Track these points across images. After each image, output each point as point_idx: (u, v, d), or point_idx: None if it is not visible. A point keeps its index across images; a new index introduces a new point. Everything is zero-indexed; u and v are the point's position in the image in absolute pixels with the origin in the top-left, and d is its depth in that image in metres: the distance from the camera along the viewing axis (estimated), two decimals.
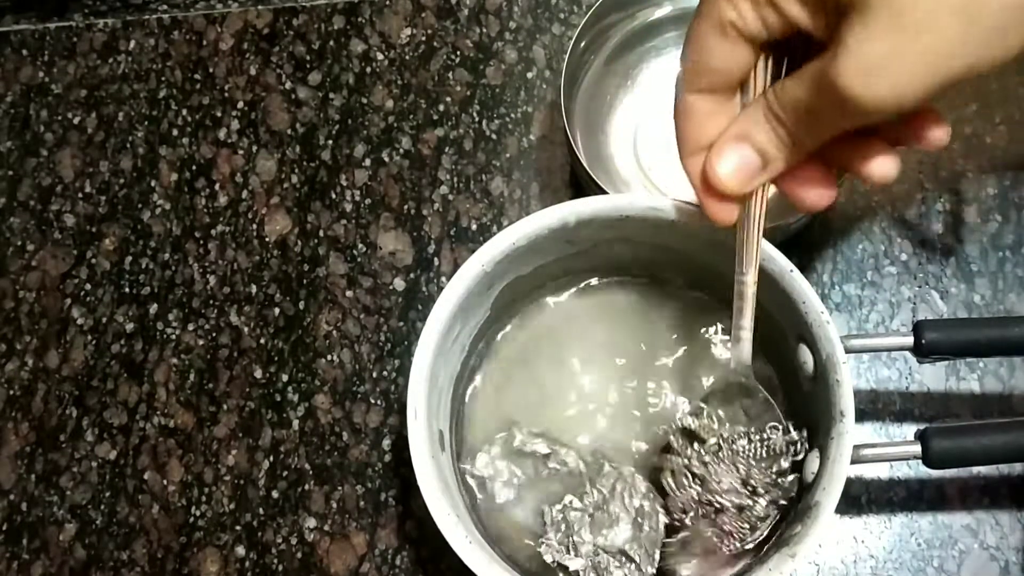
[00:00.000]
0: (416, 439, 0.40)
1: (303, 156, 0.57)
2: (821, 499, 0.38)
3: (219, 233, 0.55)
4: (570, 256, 0.46)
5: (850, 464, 0.38)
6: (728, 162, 0.35)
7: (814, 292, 0.41)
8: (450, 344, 0.43)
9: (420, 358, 0.41)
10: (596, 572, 0.43)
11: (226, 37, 0.60)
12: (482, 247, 0.42)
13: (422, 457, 0.40)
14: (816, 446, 0.41)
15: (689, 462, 0.41)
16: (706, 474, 0.40)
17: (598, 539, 0.44)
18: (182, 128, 0.58)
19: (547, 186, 0.55)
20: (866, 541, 0.47)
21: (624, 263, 0.47)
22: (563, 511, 0.44)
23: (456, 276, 0.42)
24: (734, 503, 0.40)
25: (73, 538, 0.50)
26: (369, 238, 0.55)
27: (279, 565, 0.49)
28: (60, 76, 0.60)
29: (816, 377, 0.41)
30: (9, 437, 0.52)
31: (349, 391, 0.52)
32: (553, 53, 0.58)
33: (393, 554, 0.49)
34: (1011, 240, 0.52)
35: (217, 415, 0.52)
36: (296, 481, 0.50)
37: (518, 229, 0.43)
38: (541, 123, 0.56)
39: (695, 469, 0.40)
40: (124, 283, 0.55)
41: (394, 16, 0.59)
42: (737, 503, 0.40)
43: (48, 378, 0.53)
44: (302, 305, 0.53)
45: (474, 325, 0.45)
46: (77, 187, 0.57)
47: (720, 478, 0.40)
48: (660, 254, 0.46)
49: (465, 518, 0.41)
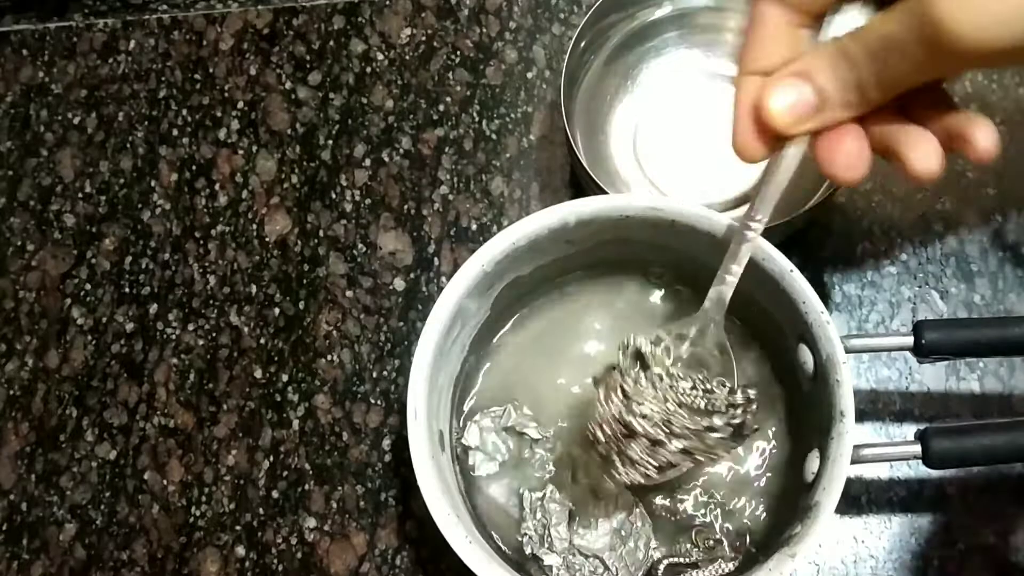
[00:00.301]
0: (416, 439, 0.40)
1: (303, 156, 0.57)
2: (821, 499, 0.38)
3: (219, 233, 0.55)
4: (570, 256, 0.46)
5: (850, 464, 0.38)
6: (784, 96, 0.33)
7: (814, 292, 0.41)
8: (450, 344, 0.44)
9: (420, 358, 0.41)
10: (569, 572, 0.43)
11: (226, 37, 0.60)
12: (482, 247, 0.43)
13: (422, 457, 0.40)
14: (816, 446, 0.41)
15: (624, 380, 0.39)
16: (635, 395, 0.38)
17: (574, 538, 0.44)
18: (182, 128, 0.58)
19: (547, 186, 0.55)
20: (866, 541, 0.47)
21: (624, 263, 0.47)
22: (542, 499, 0.44)
23: (456, 276, 0.42)
24: (649, 435, 0.38)
25: (73, 538, 0.50)
26: (369, 238, 0.54)
27: (279, 565, 0.49)
28: (60, 76, 0.60)
29: (816, 377, 0.41)
30: (9, 437, 0.52)
31: (349, 391, 0.52)
32: (553, 53, 0.58)
33: (393, 554, 0.49)
34: (1011, 240, 0.52)
35: (217, 415, 0.52)
36: (296, 481, 0.50)
37: (518, 229, 0.43)
38: (541, 123, 0.56)
39: (627, 388, 0.38)
40: (124, 283, 0.55)
41: (394, 16, 0.59)
42: (653, 436, 0.38)
43: (48, 378, 0.53)
44: (302, 305, 0.53)
45: (474, 325, 0.46)
46: (77, 187, 0.57)
47: (645, 404, 0.38)
48: (660, 254, 0.46)
49: (465, 518, 0.41)
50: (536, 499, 0.44)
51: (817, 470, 0.40)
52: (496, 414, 0.46)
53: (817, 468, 0.40)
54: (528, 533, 0.44)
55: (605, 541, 0.44)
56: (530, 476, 0.45)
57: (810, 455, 0.41)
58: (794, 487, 0.42)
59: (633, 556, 0.43)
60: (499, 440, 0.46)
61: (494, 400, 0.47)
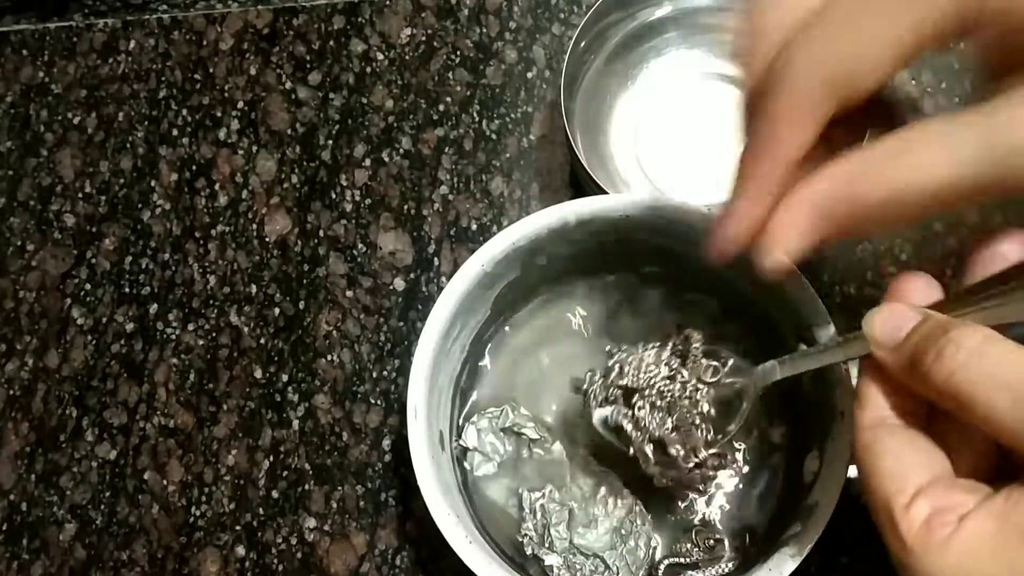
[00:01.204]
0: (416, 439, 0.40)
1: (303, 156, 0.57)
2: (821, 499, 0.38)
3: (219, 233, 0.55)
4: (571, 256, 0.46)
5: (850, 464, 0.38)
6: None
7: (814, 293, 0.41)
8: (450, 344, 0.43)
9: (420, 358, 0.41)
10: (570, 572, 0.43)
11: (226, 37, 0.60)
12: (482, 247, 0.43)
13: (422, 457, 0.40)
14: (816, 447, 0.41)
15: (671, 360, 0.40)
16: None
17: (574, 537, 0.44)
18: (182, 128, 0.58)
19: (547, 186, 0.55)
20: (866, 541, 0.47)
21: (624, 263, 0.47)
22: (541, 499, 0.44)
23: (456, 276, 0.42)
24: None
25: (73, 538, 0.50)
26: (369, 238, 0.55)
27: (279, 565, 0.49)
28: (60, 76, 0.60)
29: (816, 377, 0.41)
30: (9, 437, 0.52)
31: (349, 391, 0.52)
32: (553, 53, 0.58)
33: (393, 554, 0.49)
34: None
35: (217, 415, 0.52)
36: (296, 481, 0.50)
37: (518, 229, 0.43)
38: (541, 123, 0.56)
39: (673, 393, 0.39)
40: (124, 283, 0.55)
41: (394, 16, 0.59)
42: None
43: (48, 378, 0.53)
44: (302, 305, 0.53)
45: (474, 325, 0.46)
46: (77, 187, 0.57)
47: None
48: (660, 255, 0.46)
49: (465, 519, 0.41)
50: (535, 499, 0.44)
51: (817, 470, 0.40)
52: (494, 415, 0.46)
53: (817, 468, 0.40)
54: (528, 533, 0.44)
55: (606, 540, 0.44)
56: (529, 476, 0.45)
57: (809, 456, 0.41)
58: (794, 487, 0.42)
59: (634, 555, 0.43)
60: (497, 441, 0.46)
61: (494, 400, 0.47)
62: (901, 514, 0.28)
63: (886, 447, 0.30)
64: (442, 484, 0.40)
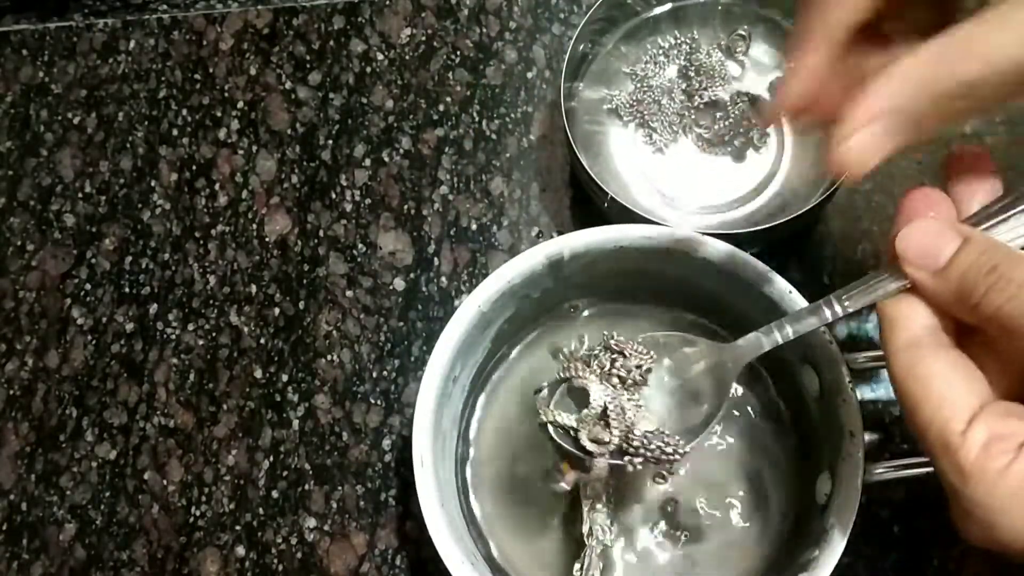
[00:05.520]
0: (424, 487, 0.40)
1: (303, 156, 0.57)
2: (836, 522, 0.37)
3: (219, 233, 0.55)
4: (566, 288, 0.46)
5: (863, 483, 0.38)
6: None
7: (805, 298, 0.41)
8: (451, 386, 0.43)
9: (422, 406, 0.41)
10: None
11: (226, 37, 0.60)
12: (477, 288, 0.42)
13: (431, 505, 0.39)
14: (827, 467, 0.40)
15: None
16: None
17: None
18: (182, 128, 0.58)
19: (547, 186, 0.55)
20: (865, 541, 0.47)
21: (620, 290, 0.47)
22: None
23: (453, 319, 0.42)
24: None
25: (73, 538, 0.50)
26: (369, 238, 0.55)
27: (279, 565, 0.49)
28: (60, 76, 0.60)
29: (822, 397, 0.41)
30: (9, 437, 0.52)
31: (349, 391, 0.52)
32: (553, 53, 0.58)
33: (393, 554, 0.49)
34: None
35: (217, 415, 0.52)
36: (296, 481, 0.50)
37: (512, 267, 0.43)
38: (541, 123, 0.56)
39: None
40: (124, 283, 0.55)
41: (394, 16, 0.59)
42: None
43: (48, 378, 0.53)
44: (302, 305, 0.53)
45: (473, 364, 0.45)
46: (77, 187, 0.57)
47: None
48: (656, 281, 0.45)
49: (480, 564, 0.40)
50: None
51: (830, 491, 0.39)
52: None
53: (830, 489, 0.39)
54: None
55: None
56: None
57: (821, 476, 0.41)
58: (808, 508, 0.42)
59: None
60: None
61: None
62: (959, 441, 0.27)
63: (931, 370, 0.29)
64: (454, 532, 0.40)
